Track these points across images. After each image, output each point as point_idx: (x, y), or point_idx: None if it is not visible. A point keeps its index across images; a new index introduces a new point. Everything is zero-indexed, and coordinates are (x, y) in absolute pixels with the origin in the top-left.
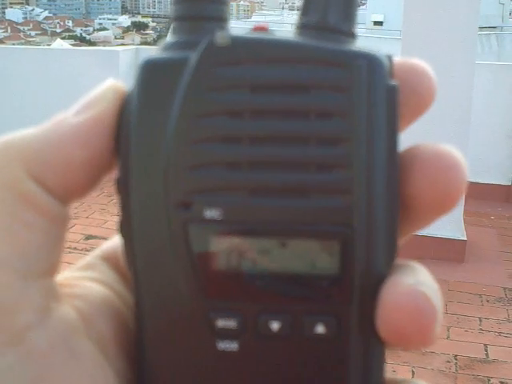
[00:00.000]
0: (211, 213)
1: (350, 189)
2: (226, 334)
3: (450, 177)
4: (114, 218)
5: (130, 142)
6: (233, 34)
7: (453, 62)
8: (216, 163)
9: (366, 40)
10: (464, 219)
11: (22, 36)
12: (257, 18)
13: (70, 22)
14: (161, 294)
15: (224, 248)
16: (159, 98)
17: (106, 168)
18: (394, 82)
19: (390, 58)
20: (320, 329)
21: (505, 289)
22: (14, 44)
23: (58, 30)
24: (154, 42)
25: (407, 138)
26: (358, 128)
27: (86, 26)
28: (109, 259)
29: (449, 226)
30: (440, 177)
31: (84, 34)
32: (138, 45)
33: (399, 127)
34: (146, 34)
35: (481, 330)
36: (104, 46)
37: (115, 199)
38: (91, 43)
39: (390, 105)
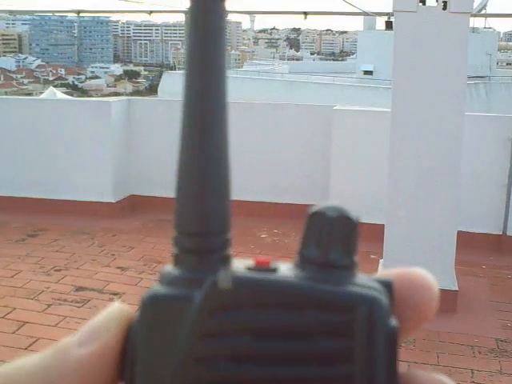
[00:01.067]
0: None
1: None
2: None
3: None
4: (104, 269)
5: (135, 377)
6: (235, 274)
7: (442, 112)
8: None
9: (356, 89)
10: (455, 269)
11: (15, 84)
12: (248, 68)
13: (63, 70)
14: None
15: None
16: (163, 336)
17: None
18: (393, 323)
19: (389, 284)
20: None
21: (497, 340)
22: (6, 92)
23: (51, 78)
24: (146, 90)
25: (402, 184)
26: (360, 371)
27: (79, 74)
28: None
29: (441, 276)
30: None
31: (76, 82)
32: (130, 93)
33: (398, 366)
34: (138, 82)
35: (473, 382)
36: (96, 93)
37: (106, 249)
38: (83, 91)
39: (389, 345)
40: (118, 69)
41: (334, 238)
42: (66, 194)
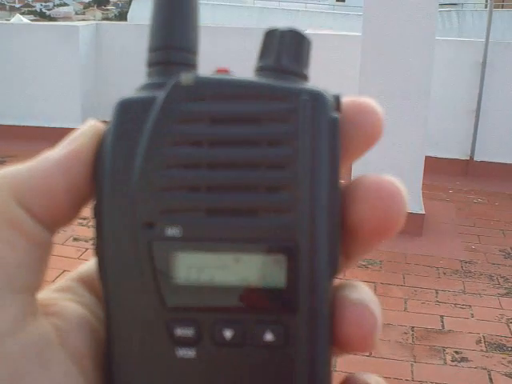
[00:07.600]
0: (172, 231)
1: (295, 208)
2: (185, 342)
3: (389, 206)
4: None
5: (103, 170)
6: (197, 75)
7: (413, 37)
8: (177, 187)
9: (328, 16)
10: (422, 193)
11: None
12: None
13: None
14: (127, 305)
15: (183, 263)
16: (130, 132)
17: (86, 197)
18: (335, 115)
19: (337, 96)
20: (269, 336)
21: (461, 261)
22: None
23: (17, 5)
24: (115, 18)
25: None
26: (302, 153)
27: (46, 1)
28: (85, 282)
29: (408, 200)
30: (380, 206)
31: (44, 10)
32: (98, 20)
33: (340, 153)
34: (107, 9)
35: (437, 301)
36: (65, 21)
37: None
38: (51, 19)
39: (331, 134)
40: None
41: (284, 46)
42: (35, 120)
